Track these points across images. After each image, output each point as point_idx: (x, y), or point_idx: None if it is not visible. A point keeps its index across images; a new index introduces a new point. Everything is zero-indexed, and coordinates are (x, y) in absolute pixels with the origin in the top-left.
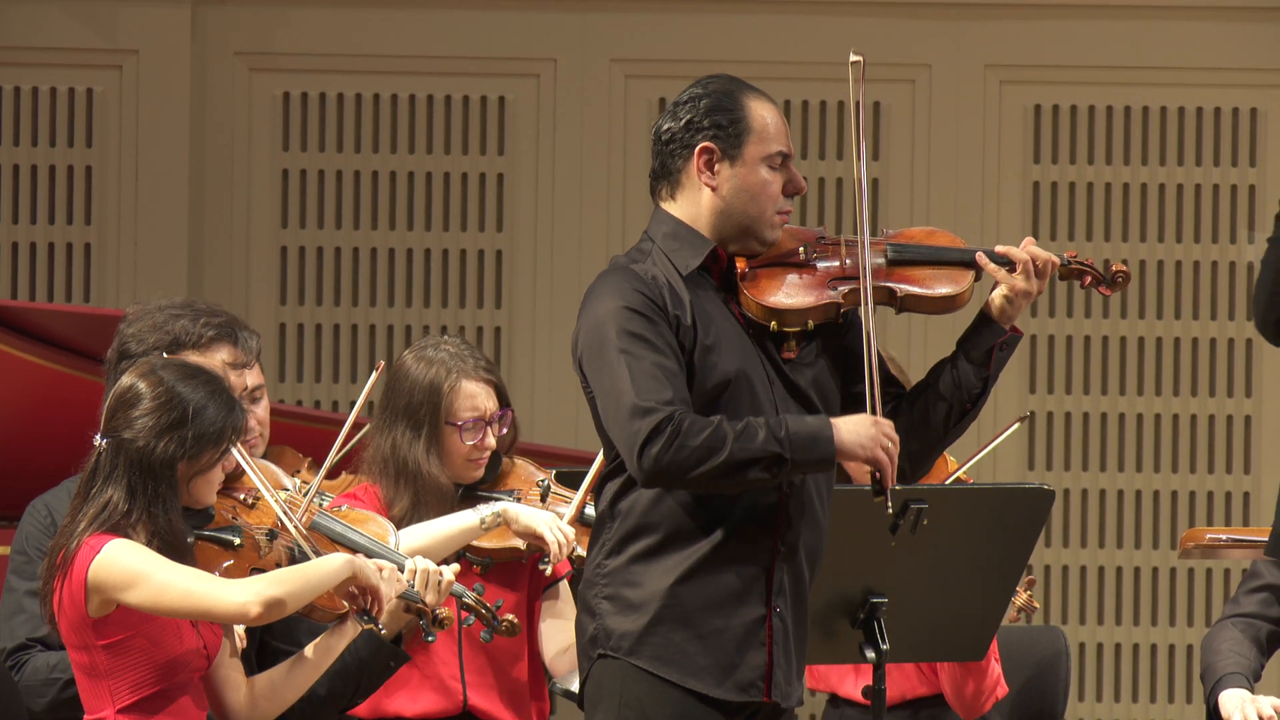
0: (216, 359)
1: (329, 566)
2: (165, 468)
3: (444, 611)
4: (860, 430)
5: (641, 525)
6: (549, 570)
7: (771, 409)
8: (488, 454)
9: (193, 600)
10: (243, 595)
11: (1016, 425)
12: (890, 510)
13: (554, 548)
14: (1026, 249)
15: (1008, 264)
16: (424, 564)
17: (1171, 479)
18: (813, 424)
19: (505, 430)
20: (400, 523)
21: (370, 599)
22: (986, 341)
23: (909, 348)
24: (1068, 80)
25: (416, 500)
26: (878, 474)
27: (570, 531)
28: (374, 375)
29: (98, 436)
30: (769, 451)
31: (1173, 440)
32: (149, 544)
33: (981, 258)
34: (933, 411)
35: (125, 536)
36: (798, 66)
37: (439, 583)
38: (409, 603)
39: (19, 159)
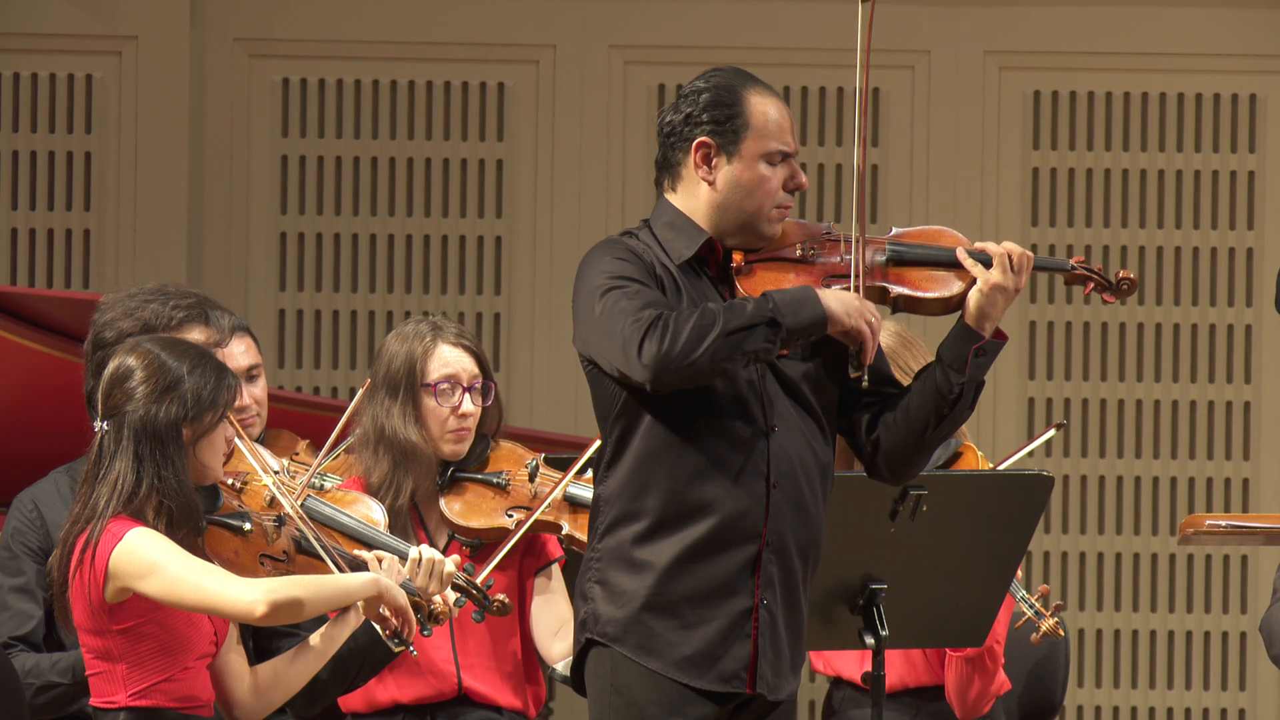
0: (190, 340)
1: (352, 583)
2: (170, 429)
3: (440, 606)
4: (845, 298)
5: (632, 511)
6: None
7: (758, 404)
8: (469, 425)
9: (204, 594)
10: (252, 594)
11: (1053, 431)
12: (865, 383)
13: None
14: (1004, 245)
15: (986, 260)
16: (429, 553)
17: (1171, 465)
18: (797, 290)
19: (488, 403)
20: (381, 489)
21: (402, 621)
22: (963, 346)
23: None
24: (1067, 66)
25: (395, 464)
26: (854, 350)
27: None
28: (361, 391)
29: (97, 422)
30: (762, 315)
31: (1172, 426)
32: (159, 515)
33: (961, 253)
34: (914, 415)
35: (141, 516)
36: (797, 53)
37: (442, 574)
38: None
39: (18, 145)
